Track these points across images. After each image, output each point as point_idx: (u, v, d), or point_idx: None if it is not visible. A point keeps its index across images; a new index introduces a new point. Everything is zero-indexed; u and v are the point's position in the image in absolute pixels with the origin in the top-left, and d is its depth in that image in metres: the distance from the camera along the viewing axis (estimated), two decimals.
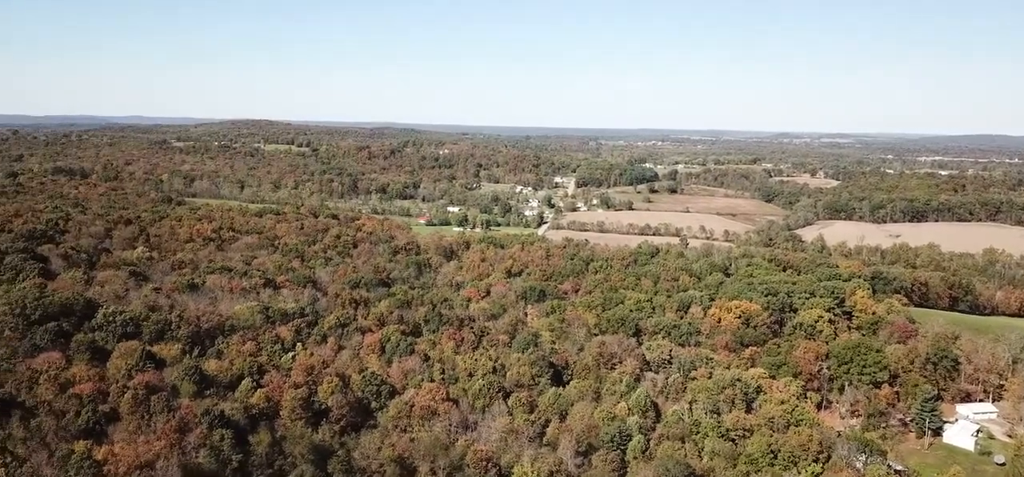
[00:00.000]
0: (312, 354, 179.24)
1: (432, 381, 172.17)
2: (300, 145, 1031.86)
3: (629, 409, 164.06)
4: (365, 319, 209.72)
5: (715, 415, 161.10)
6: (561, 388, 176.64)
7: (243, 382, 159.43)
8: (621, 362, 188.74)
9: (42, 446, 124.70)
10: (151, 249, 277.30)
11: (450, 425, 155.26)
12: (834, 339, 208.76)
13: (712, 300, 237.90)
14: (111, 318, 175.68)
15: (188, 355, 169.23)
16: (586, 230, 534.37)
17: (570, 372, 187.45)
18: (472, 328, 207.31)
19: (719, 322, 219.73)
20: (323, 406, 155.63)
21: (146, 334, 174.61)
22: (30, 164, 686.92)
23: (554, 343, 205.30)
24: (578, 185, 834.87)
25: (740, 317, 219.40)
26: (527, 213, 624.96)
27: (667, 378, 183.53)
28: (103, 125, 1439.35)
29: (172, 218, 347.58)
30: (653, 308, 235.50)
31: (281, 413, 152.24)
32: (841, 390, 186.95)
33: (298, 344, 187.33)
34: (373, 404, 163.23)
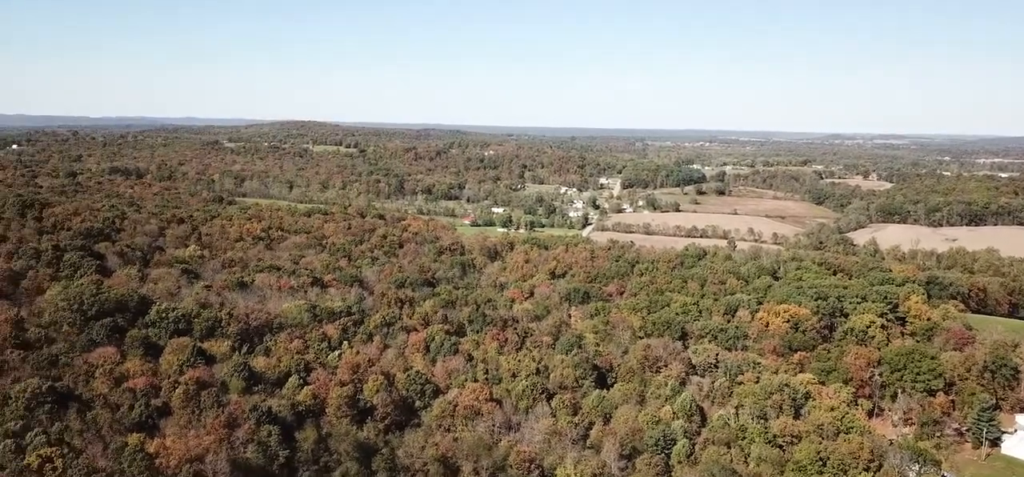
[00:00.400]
0: (358, 352, 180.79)
1: (476, 381, 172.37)
2: (348, 146, 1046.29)
3: (674, 413, 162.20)
4: (410, 318, 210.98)
5: (762, 420, 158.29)
6: (605, 391, 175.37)
7: (290, 379, 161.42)
8: (666, 365, 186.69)
9: (98, 438, 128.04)
10: (202, 248, 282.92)
11: (493, 425, 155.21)
12: (887, 345, 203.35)
13: (760, 304, 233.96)
14: (164, 315, 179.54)
15: (237, 352, 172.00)
16: (632, 232, 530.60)
17: (614, 375, 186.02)
18: (516, 329, 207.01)
19: (767, 326, 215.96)
20: (368, 404, 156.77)
21: (197, 331, 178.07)
22: (88, 164, 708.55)
23: (598, 345, 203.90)
24: (624, 186, 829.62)
25: (789, 321, 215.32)
26: (572, 214, 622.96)
27: (713, 382, 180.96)
28: (158, 126, 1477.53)
29: (223, 217, 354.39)
30: (700, 311, 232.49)
31: (327, 410, 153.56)
32: (893, 398, 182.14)
33: (344, 342, 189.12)
34: (417, 403, 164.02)
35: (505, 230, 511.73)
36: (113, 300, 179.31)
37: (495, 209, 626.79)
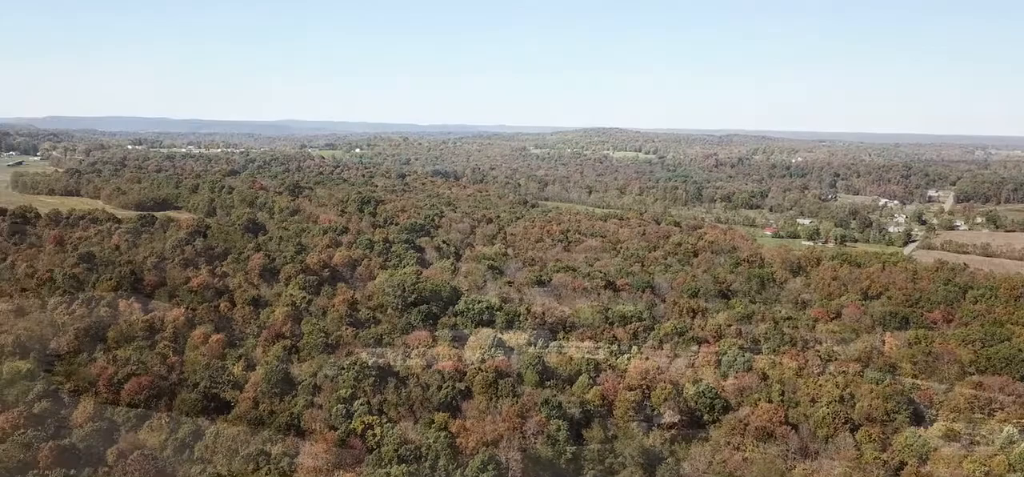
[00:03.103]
0: (647, 358, 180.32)
1: (770, 402, 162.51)
2: (647, 152, 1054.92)
3: (1010, 464, 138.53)
4: (702, 329, 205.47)
5: None
6: (921, 429, 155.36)
7: (580, 378, 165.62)
8: (1002, 408, 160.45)
9: (409, 413, 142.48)
10: (507, 246, 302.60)
11: (787, 450, 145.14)
12: None
13: None
14: (470, 306, 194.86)
15: (532, 346, 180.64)
16: (965, 252, 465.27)
17: (934, 412, 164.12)
18: (818, 351, 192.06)
19: None
20: (655, 411, 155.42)
21: (498, 323, 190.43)
22: (415, 166, 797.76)
23: (916, 377, 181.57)
24: (958, 200, 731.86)
25: None
26: (891, 229, 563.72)
27: None
28: (473, 133, 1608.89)
29: (526, 219, 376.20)
30: None
31: (614, 413, 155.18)
32: None
33: (634, 347, 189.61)
34: (705, 417, 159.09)
35: (811, 243, 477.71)
36: (429, 289, 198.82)
37: (801, 220, 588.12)
